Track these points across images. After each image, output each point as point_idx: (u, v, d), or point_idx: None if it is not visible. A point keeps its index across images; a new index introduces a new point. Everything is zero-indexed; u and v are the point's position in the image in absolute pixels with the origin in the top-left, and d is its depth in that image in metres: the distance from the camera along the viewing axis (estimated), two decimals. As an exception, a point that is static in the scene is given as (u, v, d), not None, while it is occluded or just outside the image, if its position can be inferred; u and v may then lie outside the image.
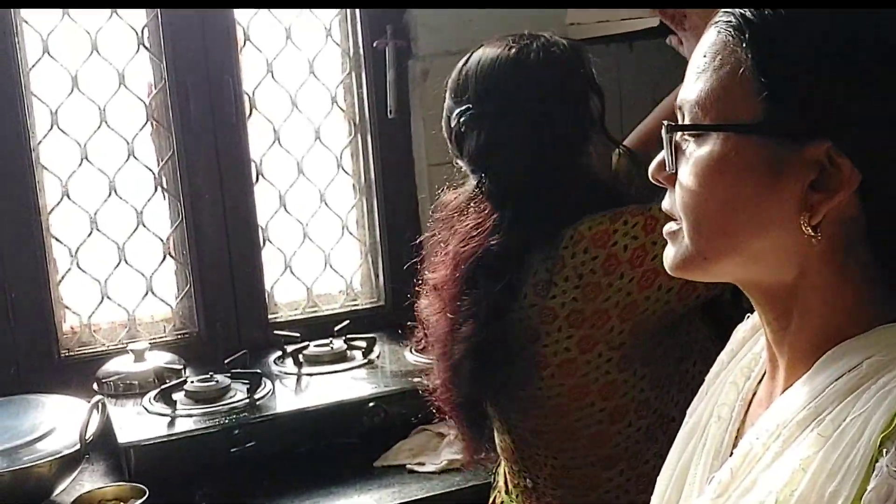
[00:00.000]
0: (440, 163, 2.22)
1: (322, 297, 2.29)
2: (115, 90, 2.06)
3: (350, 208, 2.30)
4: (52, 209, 2.05)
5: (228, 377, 1.87)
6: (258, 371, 1.87)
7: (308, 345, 2.02)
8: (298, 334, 2.07)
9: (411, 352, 2.02)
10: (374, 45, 2.21)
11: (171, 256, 2.17)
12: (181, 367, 1.97)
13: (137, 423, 1.74)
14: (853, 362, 0.69)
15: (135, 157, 2.10)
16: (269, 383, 1.87)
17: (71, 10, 1.99)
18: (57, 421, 1.68)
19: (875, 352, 0.68)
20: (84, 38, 2.03)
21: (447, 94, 1.35)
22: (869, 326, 0.71)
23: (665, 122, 0.75)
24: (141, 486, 1.59)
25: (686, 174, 0.73)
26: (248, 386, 1.83)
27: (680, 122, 0.76)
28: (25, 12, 1.97)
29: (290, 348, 2.01)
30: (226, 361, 1.91)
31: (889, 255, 0.71)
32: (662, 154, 0.76)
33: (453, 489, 1.62)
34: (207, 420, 1.73)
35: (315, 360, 1.98)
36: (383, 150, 2.26)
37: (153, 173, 2.13)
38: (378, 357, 2.01)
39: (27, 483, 1.55)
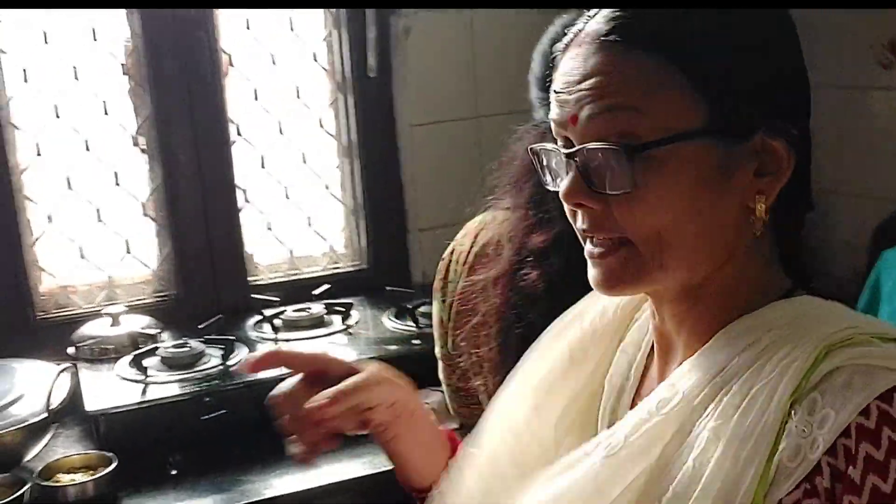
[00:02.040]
0: (422, 123, 2.19)
1: (304, 259, 2.26)
2: (89, 46, 2.01)
3: (332, 169, 2.25)
4: (25, 169, 2.01)
5: (203, 343, 1.85)
6: (232, 337, 1.85)
7: (286, 309, 1.99)
8: (277, 298, 2.05)
9: (390, 319, 2.00)
10: (356, 0, 2.14)
11: (150, 217, 2.13)
12: (157, 331, 1.95)
13: (108, 390, 1.72)
14: (753, 337, 0.72)
15: (107, 115, 2.05)
16: (244, 349, 1.84)
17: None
18: (26, 388, 1.67)
19: (772, 326, 0.72)
20: (55, -8, 1.97)
21: None
22: (764, 302, 0.74)
23: (612, 145, 0.71)
24: (109, 454, 1.58)
25: (638, 191, 0.71)
26: (222, 352, 1.80)
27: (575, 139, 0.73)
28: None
29: (268, 313, 1.98)
30: (200, 326, 1.89)
31: (784, 236, 0.77)
32: (571, 176, 0.73)
33: (425, 460, 1.60)
34: (179, 387, 1.71)
35: (293, 325, 1.96)
36: (365, 109, 2.20)
37: (129, 132, 2.08)
38: (356, 323, 1.98)
39: (-7, 448, 1.54)
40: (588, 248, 0.76)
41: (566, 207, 0.76)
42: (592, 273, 0.76)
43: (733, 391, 0.70)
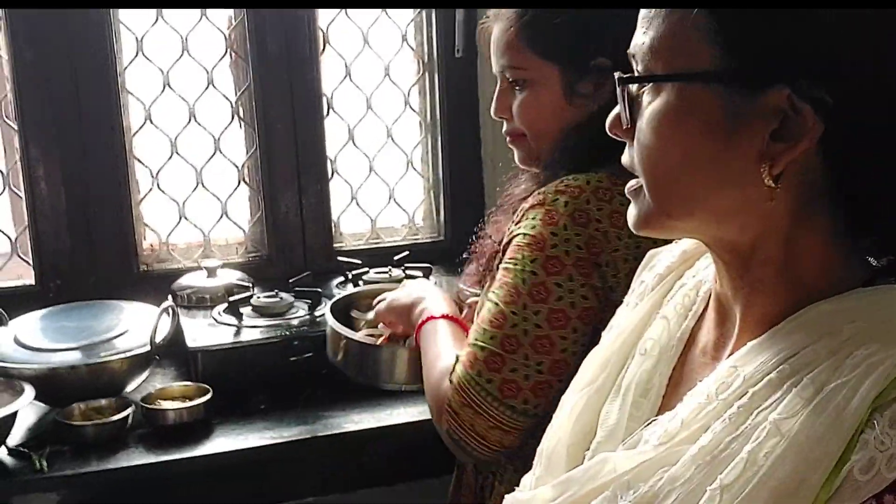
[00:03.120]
0: (504, 103, 2.29)
1: (385, 229, 2.39)
2: (197, 21, 2.17)
3: (415, 145, 2.38)
4: (136, 132, 2.18)
5: (292, 295, 1.98)
6: (319, 290, 1.98)
7: (368, 270, 2.12)
8: (360, 261, 2.17)
9: (464, 284, 2.10)
10: (448, -14, 2.27)
11: (246, 183, 2.29)
12: (250, 284, 2.09)
13: (206, 331, 1.86)
14: (832, 326, 0.66)
15: (214, 87, 2.21)
16: (328, 303, 1.97)
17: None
18: (132, 324, 1.82)
19: (855, 317, 0.66)
20: (170, -30, 2.14)
21: None
22: (842, 287, 0.69)
23: (617, 74, 0.72)
24: (206, 385, 1.72)
25: (643, 128, 0.71)
26: (309, 303, 1.94)
27: (633, 73, 0.73)
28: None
29: (351, 274, 2.11)
30: (290, 280, 2.03)
31: (858, 210, 0.69)
32: (616, 108, 0.74)
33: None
34: (271, 331, 1.84)
35: (374, 285, 2.08)
36: (450, 88, 2.33)
37: (231, 103, 2.24)
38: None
39: (102, 377, 1.69)
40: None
41: None
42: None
43: (803, 383, 0.64)
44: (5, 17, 2.01)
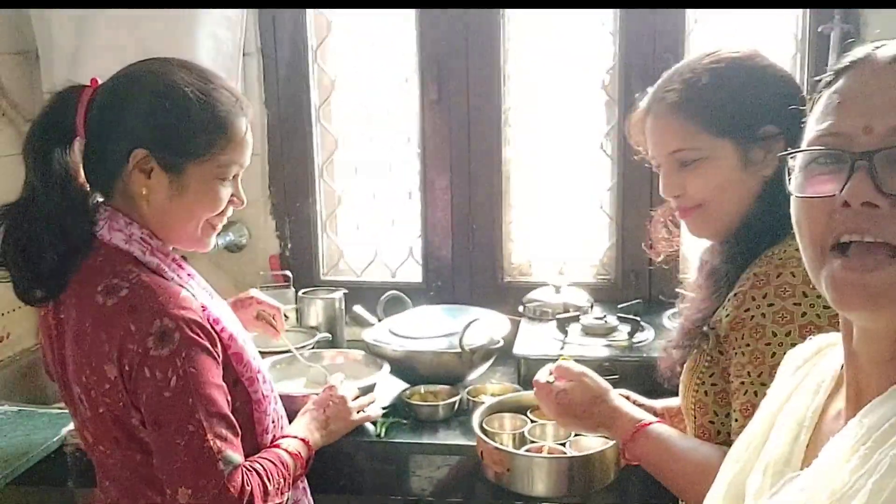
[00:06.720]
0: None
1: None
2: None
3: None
4: (513, 162, 2.52)
5: (618, 319, 2.15)
6: (638, 318, 2.12)
7: (696, 305, 2.20)
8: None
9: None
10: (820, 29, 2.25)
11: (605, 213, 2.50)
12: (589, 305, 2.30)
13: (534, 342, 2.12)
14: None
15: (581, 124, 2.46)
16: (651, 332, 2.11)
17: None
18: (477, 327, 2.13)
19: None
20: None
21: None
22: None
23: None
24: (518, 386, 1.97)
25: None
26: (629, 329, 2.10)
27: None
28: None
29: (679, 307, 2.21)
30: (619, 306, 2.20)
31: None
32: (857, 176, 0.75)
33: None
34: (587, 350, 2.04)
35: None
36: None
37: (597, 138, 2.47)
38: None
39: (440, 366, 2.04)
40: (844, 261, 0.77)
41: (805, 214, 0.80)
42: (845, 289, 0.77)
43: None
44: (420, 61, 2.46)
